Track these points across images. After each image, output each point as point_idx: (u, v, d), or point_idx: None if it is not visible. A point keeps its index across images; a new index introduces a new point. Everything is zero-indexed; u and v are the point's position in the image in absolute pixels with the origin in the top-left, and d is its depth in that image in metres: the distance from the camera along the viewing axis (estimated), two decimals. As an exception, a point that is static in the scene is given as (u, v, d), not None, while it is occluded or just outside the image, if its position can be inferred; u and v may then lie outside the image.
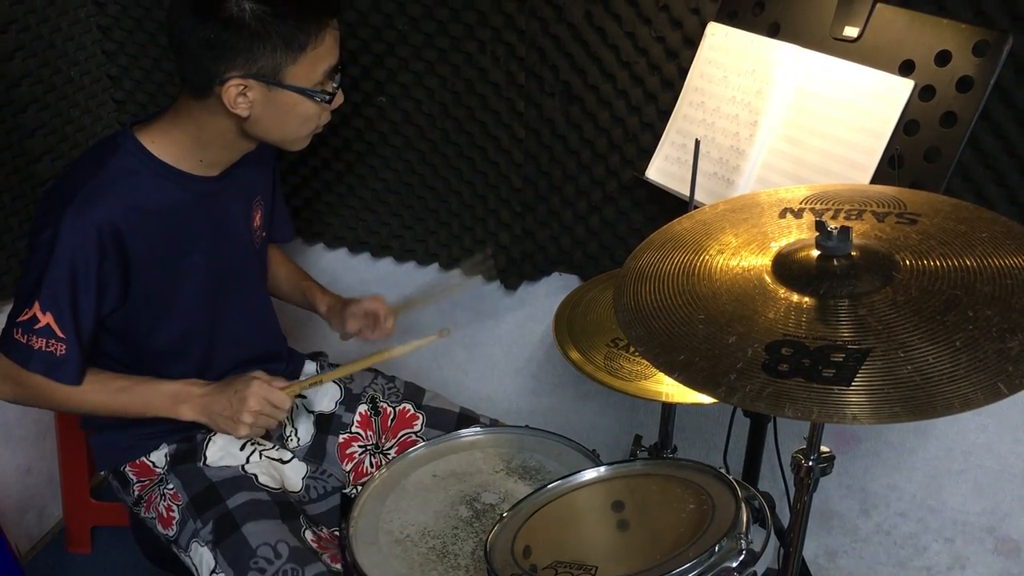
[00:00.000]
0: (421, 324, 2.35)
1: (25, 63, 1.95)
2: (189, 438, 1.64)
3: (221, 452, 1.63)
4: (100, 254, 1.44)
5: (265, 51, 1.39)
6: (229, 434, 1.58)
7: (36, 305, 1.44)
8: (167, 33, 1.46)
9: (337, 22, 1.46)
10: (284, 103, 1.45)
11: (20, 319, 1.45)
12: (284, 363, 1.83)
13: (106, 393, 1.55)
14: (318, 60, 1.44)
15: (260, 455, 1.66)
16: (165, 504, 1.61)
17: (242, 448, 1.65)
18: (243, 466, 1.62)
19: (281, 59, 1.41)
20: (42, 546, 2.35)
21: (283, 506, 1.57)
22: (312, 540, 1.53)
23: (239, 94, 1.42)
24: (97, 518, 2.30)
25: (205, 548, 1.51)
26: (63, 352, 1.46)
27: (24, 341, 1.45)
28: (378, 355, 1.69)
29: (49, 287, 1.43)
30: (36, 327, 1.45)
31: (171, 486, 1.61)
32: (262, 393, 1.54)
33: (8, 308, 1.51)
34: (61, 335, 1.45)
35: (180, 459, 1.63)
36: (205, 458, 1.62)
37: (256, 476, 1.61)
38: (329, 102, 1.49)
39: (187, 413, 1.56)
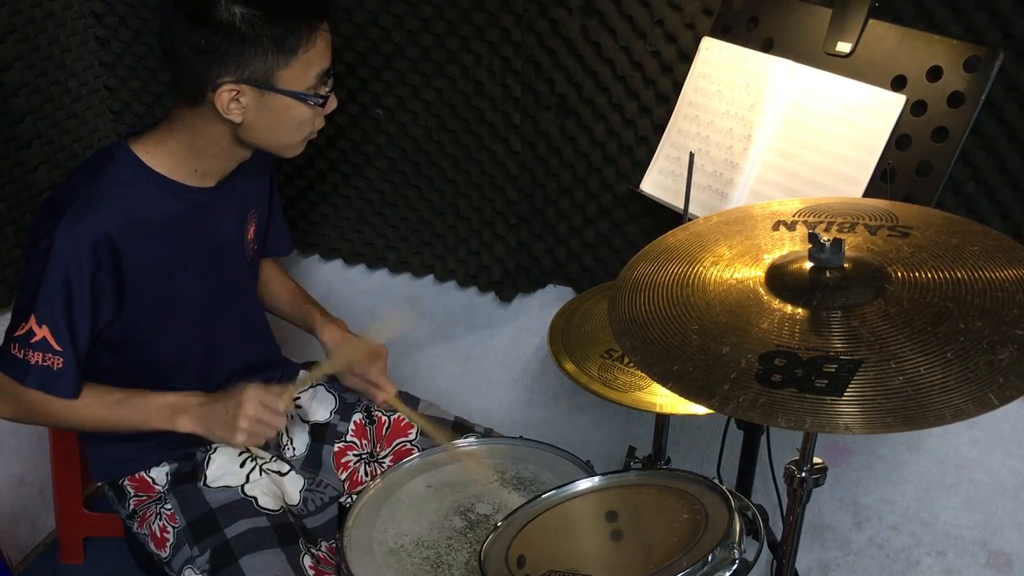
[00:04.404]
0: (412, 336, 2.36)
1: (23, 73, 1.96)
2: (190, 455, 1.64)
3: (221, 470, 1.63)
4: (95, 265, 1.44)
5: (256, 55, 1.39)
6: (227, 443, 1.56)
7: (32, 318, 1.43)
8: (159, 42, 1.46)
9: (328, 25, 1.46)
10: (277, 107, 1.45)
11: (17, 334, 1.45)
12: (280, 371, 1.83)
13: (103, 407, 1.53)
14: (310, 63, 1.44)
15: (260, 471, 1.65)
16: (160, 524, 1.60)
17: (242, 465, 1.64)
18: (243, 487, 1.62)
19: (273, 63, 1.41)
20: (34, 557, 2.34)
21: (282, 530, 1.56)
22: (310, 566, 1.52)
23: (232, 100, 1.42)
24: (90, 529, 2.29)
25: None
26: (60, 366, 1.46)
27: (21, 356, 1.45)
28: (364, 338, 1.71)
29: (45, 299, 1.43)
30: (32, 341, 1.44)
31: (169, 506, 1.61)
32: (257, 398, 1.52)
33: (6, 317, 1.51)
34: (58, 348, 1.45)
35: (181, 479, 1.63)
36: (205, 477, 1.62)
37: (256, 499, 1.60)
38: (322, 105, 1.49)
39: (185, 424, 1.54)
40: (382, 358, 1.73)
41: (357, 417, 1.80)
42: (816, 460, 1.26)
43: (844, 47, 1.51)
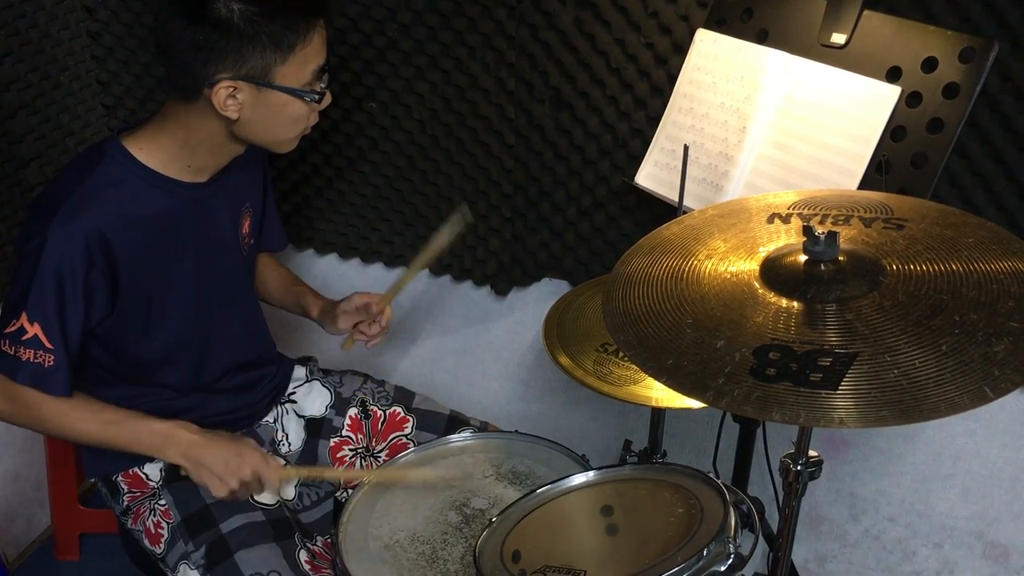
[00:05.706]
0: (407, 329, 2.36)
1: (14, 68, 1.94)
2: None
3: None
4: (87, 263, 1.43)
5: (254, 52, 1.39)
6: (206, 487, 1.54)
7: (23, 316, 1.43)
8: (154, 37, 1.46)
9: (324, 21, 1.46)
10: (274, 104, 1.45)
11: (7, 331, 1.44)
12: (275, 368, 1.82)
13: (95, 423, 1.53)
14: (307, 60, 1.44)
15: None
16: (154, 520, 1.60)
17: None
18: None
19: (270, 59, 1.40)
20: (30, 553, 2.34)
21: (278, 525, 1.56)
22: (306, 561, 1.52)
23: (229, 96, 1.41)
24: (85, 525, 2.30)
25: (195, 572, 1.51)
26: (51, 363, 1.45)
27: (12, 353, 1.44)
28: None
29: (36, 297, 1.42)
30: (24, 338, 1.43)
31: (163, 502, 1.60)
32: (260, 469, 1.53)
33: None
34: (49, 346, 1.44)
35: (175, 475, 1.62)
36: None
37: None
38: (318, 102, 1.49)
39: (174, 456, 1.54)
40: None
41: (352, 412, 1.80)
42: (812, 453, 1.26)
43: (839, 38, 1.51)
